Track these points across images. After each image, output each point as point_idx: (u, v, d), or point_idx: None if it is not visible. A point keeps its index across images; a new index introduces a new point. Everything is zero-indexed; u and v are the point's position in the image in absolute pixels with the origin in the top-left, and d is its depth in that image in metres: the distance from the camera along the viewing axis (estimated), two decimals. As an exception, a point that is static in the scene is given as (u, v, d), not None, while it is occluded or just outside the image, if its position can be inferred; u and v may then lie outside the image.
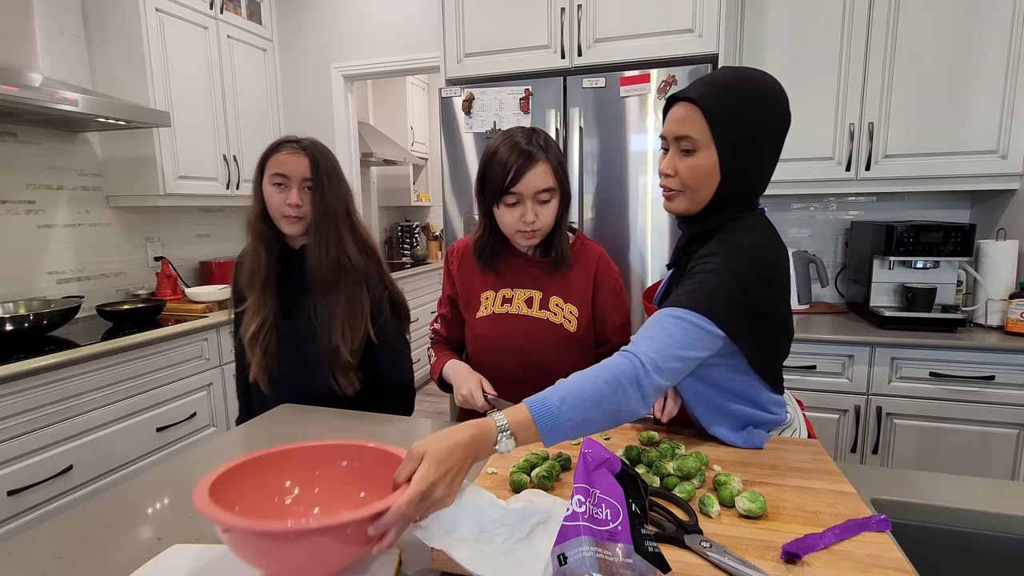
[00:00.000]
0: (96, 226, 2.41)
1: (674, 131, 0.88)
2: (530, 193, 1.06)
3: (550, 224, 1.12)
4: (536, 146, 1.06)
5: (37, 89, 1.77)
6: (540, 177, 1.06)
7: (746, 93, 0.84)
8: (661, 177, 0.93)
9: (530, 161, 1.05)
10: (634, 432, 1.02)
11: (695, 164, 0.86)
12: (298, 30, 3.04)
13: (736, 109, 0.83)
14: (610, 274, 1.20)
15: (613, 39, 1.93)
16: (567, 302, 1.17)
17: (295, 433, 1.11)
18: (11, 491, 1.60)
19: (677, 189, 0.91)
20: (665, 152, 0.92)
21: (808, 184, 2.11)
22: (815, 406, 1.93)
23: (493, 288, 1.21)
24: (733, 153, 0.84)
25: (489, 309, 1.20)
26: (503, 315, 1.19)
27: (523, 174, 1.05)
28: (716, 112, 0.83)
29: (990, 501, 0.79)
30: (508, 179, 1.05)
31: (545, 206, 1.09)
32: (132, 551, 0.72)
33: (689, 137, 0.85)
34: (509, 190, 1.06)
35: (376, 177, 4.54)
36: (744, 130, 0.84)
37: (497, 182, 1.06)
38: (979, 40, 1.89)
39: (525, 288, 1.19)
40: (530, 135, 1.09)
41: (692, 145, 0.86)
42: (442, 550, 0.62)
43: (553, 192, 1.08)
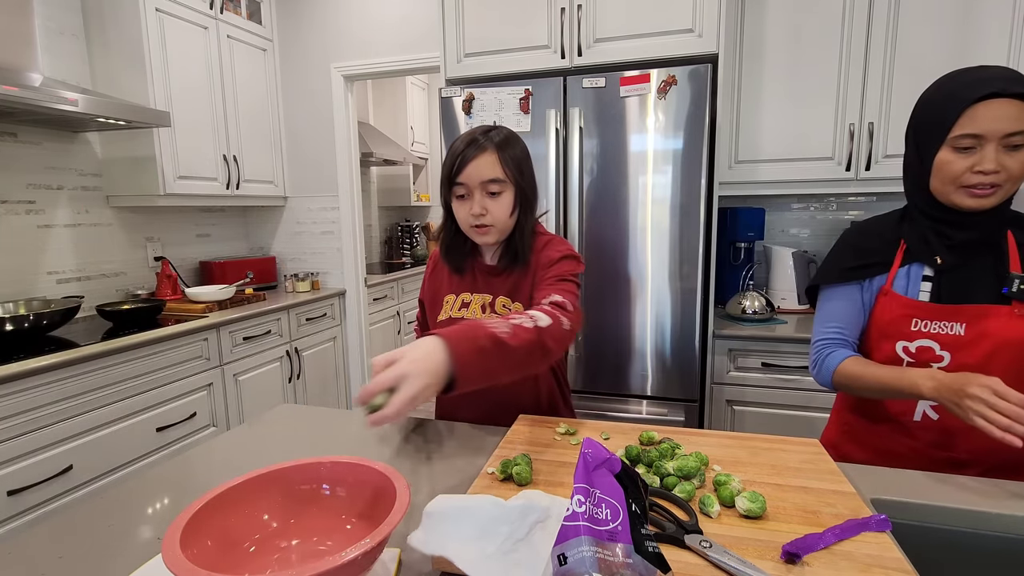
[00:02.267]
0: (96, 226, 2.41)
1: (1004, 128, 0.88)
2: (476, 183, 1.03)
3: (503, 220, 1.06)
4: (488, 139, 1.04)
5: (37, 89, 1.77)
6: (486, 167, 1.03)
7: None
8: (976, 176, 0.91)
9: (476, 150, 1.02)
10: (634, 432, 1.03)
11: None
12: (298, 30, 3.04)
13: None
14: (544, 255, 1.10)
15: (613, 39, 1.93)
16: (514, 301, 1.12)
17: (295, 434, 1.12)
18: (11, 491, 1.60)
19: (998, 184, 0.90)
20: (965, 151, 0.92)
21: (808, 184, 2.11)
22: (815, 406, 1.93)
23: (455, 292, 1.18)
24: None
25: (447, 313, 1.17)
26: (459, 319, 1.14)
27: (467, 163, 1.02)
28: None
29: (990, 501, 0.79)
30: (454, 168, 1.04)
31: (495, 199, 1.04)
32: (132, 551, 0.72)
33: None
34: (456, 180, 1.04)
35: (376, 177, 4.54)
36: None
37: (446, 172, 1.06)
38: (979, 40, 1.89)
39: (480, 292, 1.15)
40: (488, 130, 1.06)
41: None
42: (442, 556, 0.62)
43: (503, 184, 1.04)
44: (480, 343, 0.79)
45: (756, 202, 2.41)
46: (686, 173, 1.83)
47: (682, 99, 1.80)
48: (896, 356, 1.01)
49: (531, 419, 1.10)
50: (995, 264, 0.95)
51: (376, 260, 4.55)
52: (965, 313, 0.95)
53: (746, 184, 2.17)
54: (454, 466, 0.94)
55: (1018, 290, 0.92)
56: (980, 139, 0.90)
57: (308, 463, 0.71)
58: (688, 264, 1.87)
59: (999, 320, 0.93)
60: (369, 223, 4.42)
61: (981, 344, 0.94)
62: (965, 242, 0.96)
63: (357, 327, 3.25)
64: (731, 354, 2.00)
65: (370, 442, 1.06)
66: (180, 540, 0.55)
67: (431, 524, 0.67)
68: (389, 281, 3.65)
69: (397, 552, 0.68)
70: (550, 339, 0.88)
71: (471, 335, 0.79)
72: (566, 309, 0.95)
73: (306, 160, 3.15)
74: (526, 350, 0.84)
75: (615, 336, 1.97)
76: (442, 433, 1.09)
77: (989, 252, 0.95)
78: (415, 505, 0.76)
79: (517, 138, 1.09)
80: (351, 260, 3.19)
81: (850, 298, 1.08)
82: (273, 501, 0.69)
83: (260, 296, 2.81)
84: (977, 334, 0.94)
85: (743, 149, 2.16)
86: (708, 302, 1.96)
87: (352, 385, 3.30)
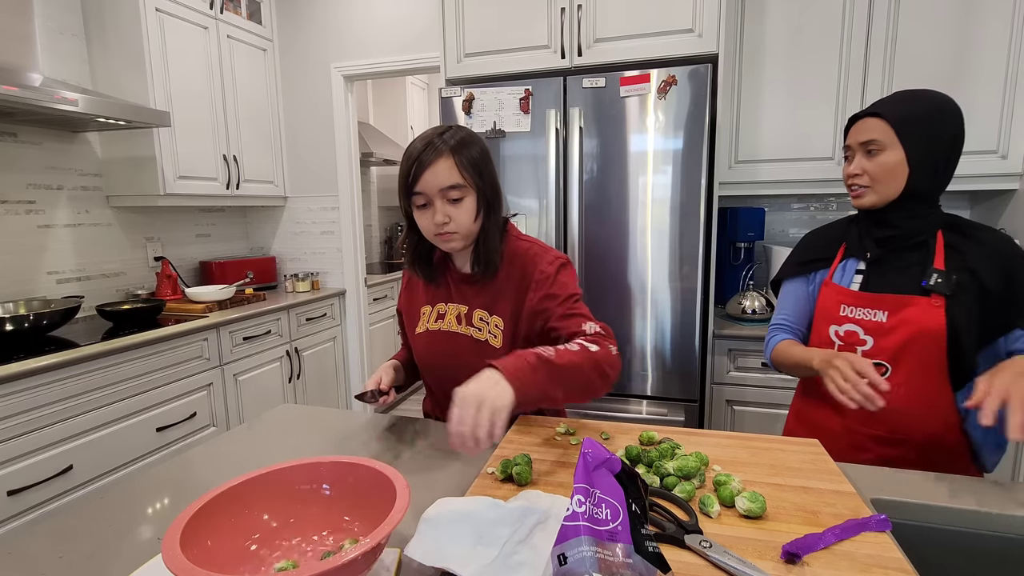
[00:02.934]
0: (96, 226, 2.41)
1: (859, 138, 1.06)
2: (434, 191, 0.99)
3: (467, 226, 1.02)
4: (442, 142, 0.99)
5: (37, 89, 1.77)
6: (444, 174, 0.98)
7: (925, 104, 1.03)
8: (849, 179, 1.10)
9: (431, 156, 0.98)
10: (634, 432, 1.03)
11: (883, 161, 1.04)
12: (298, 30, 3.04)
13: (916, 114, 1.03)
14: (535, 269, 1.07)
15: (613, 39, 1.93)
16: (492, 314, 1.08)
17: (295, 434, 1.11)
18: (11, 491, 1.60)
19: (866, 185, 1.07)
20: (846, 160, 1.11)
21: (808, 184, 2.11)
22: (815, 406, 1.93)
23: (431, 303, 1.16)
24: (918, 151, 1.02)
25: (424, 325, 1.15)
26: (436, 332, 1.13)
27: (424, 170, 0.98)
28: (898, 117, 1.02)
29: (990, 501, 0.79)
30: (410, 176, 0.99)
31: (457, 205, 1.00)
32: (132, 551, 0.72)
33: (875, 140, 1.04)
34: (413, 189, 1.00)
35: (376, 177, 4.54)
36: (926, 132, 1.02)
37: (402, 182, 1.01)
38: (979, 40, 1.89)
39: (456, 303, 1.13)
40: (443, 131, 1.01)
41: (878, 147, 1.04)
42: (441, 567, 0.62)
43: (463, 190, 1.00)
44: (528, 360, 0.85)
45: (756, 202, 2.41)
46: (686, 173, 1.83)
47: (682, 99, 1.80)
48: (829, 339, 1.13)
49: (531, 419, 1.10)
50: (922, 260, 1.05)
51: (376, 260, 4.55)
52: (887, 302, 1.06)
53: (746, 184, 2.17)
54: (454, 466, 0.94)
55: (935, 283, 1.02)
56: (851, 149, 1.09)
57: (308, 463, 0.72)
58: (688, 264, 1.87)
59: (918, 310, 1.03)
60: (369, 223, 4.42)
61: (899, 331, 1.04)
62: (888, 238, 1.08)
63: (357, 327, 3.25)
64: (731, 354, 2.00)
65: (370, 442, 1.06)
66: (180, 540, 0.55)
67: (430, 532, 0.66)
68: (389, 281, 3.65)
69: (397, 552, 0.68)
70: (602, 362, 0.94)
71: (519, 355, 0.86)
72: (604, 335, 1.01)
73: (306, 160, 3.15)
74: (574, 368, 0.89)
75: (615, 336, 1.97)
76: (442, 433, 1.09)
77: (917, 249, 1.07)
78: (415, 506, 0.76)
79: (474, 138, 1.05)
80: (351, 260, 3.19)
81: (799, 291, 1.23)
82: (273, 501, 0.69)
83: (260, 296, 2.81)
84: (897, 322, 1.05)
85: (743, 149, 2.16)
86: (708, 302, 1.96)
87: (352, 385, 3.30)
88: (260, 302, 2.72)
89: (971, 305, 1.00)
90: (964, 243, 1.04)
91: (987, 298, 1.00)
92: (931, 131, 1.02)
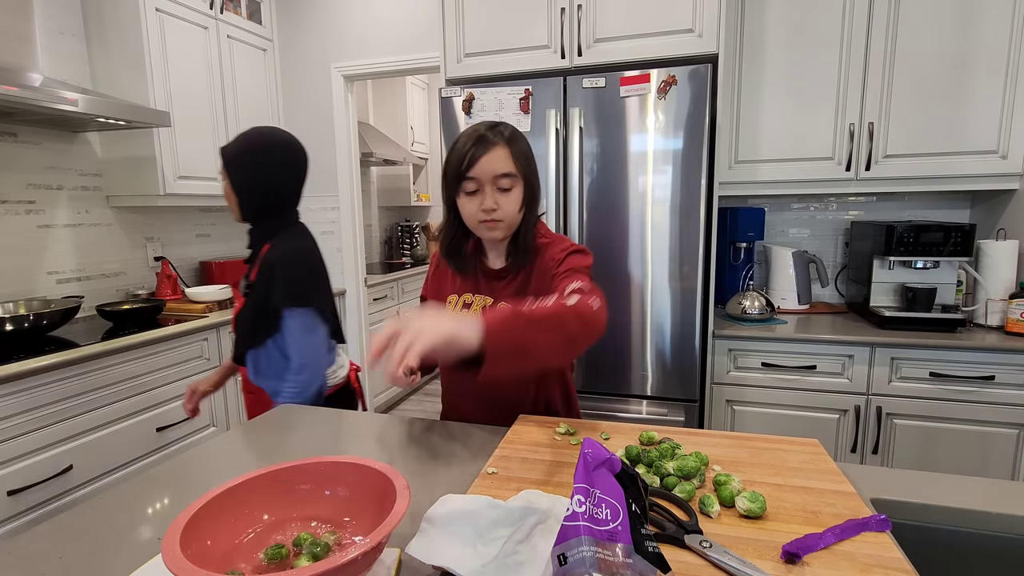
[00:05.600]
0: (96, 226, 2.41)
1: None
2: (488, 178, 1.02)
3: (513, 215, 1.06)
4: (496, 134, 1.03)
5: (37, 89, 1.77)
6: (498, 161, 1.02)
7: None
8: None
9: (487, 145, 1.02)
10: (634, 432, 1.03)
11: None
12: (298, 30, 3.04)
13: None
14: (554, 254, 1.09)
15: (613, 39, 1.93)
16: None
17: (295, 434, 1.11)
18: (11, 491, 1.60)
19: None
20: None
21: (808, 184, 2.11)
22: (815, 406, 1.93)
23: (458, 292, 1.17)
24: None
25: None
26: None
27: (479, 157, 1.01)
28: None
29: (990, 501, 0.79)
30: (465, 162, 1.02)
31: (506, 194, 1.04)
32: (132, 551, 0.72)
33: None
34: (467, 175, 1.02)
35: (376, 177, 4.54)
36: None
37: (455, 167, 1.03)
38: (979, 40, 1.89)
39: (482, 294, 1.14)
40: (494, 125, 1.05)
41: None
42: (441, 566, 0.62)
43: (514, 179, 1.04)
44: (501, 312, 0.81)
45: (756, 202, 2.41)
46: (686, 173, 1.83)
47: (682, 99, 1.80)
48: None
49: (531, 419, 1.10)
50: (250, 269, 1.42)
51: (376, 260, 4.55)
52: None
53: (746, 184, 2.17)
54: (454, 466, 0.94)
55: (243, 289, 1.38)
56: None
57: (308, 463, 0.71)
58: (688, 264, 1.87)
59: (239, 304, 1.40)
60: (369, 223, 4.42)
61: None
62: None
63: (357, 327, 3.25)
64: (731, 354, 2.00)
65: (370, 442, 1.06)
66: (180, 540, 0.55)
67: (431, 531, 0.67)
68: (389, 281, 3.65)
69: (397, 552, 0.68)
70: (581, 313, 0.88)
71: (493, 310, 0.86)
72: (585, 291, 0.96)
73: (306, 160, 3.15)
74: (549, 318, 0.84)
75: (615, 336, 1.97)
76: (442, 433, 1.09)
77: (251, 260, 1.43)
78: (415, 505, 0.76)
79: (521, 134, 1.09)
80: (351, 260, 3.19)
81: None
82: (273, 501, 0.69)
83: (260, 296, 2.81)
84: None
85: (743, 149, 2.16)
86: (708, 302, 1.96)
87: (352, 385, 3.30)
88: (260, 302, 2.71)
89: (249, 308, 1.33)
90: (268, 256, 1.31)
91: (259, 303, 1.30)
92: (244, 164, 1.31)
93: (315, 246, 1.40)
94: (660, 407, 1.98)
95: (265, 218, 1.35)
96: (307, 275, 1.33)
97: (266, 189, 1.31)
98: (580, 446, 0.71)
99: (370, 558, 0.56)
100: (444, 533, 0.66)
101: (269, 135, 1.32)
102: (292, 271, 1.30)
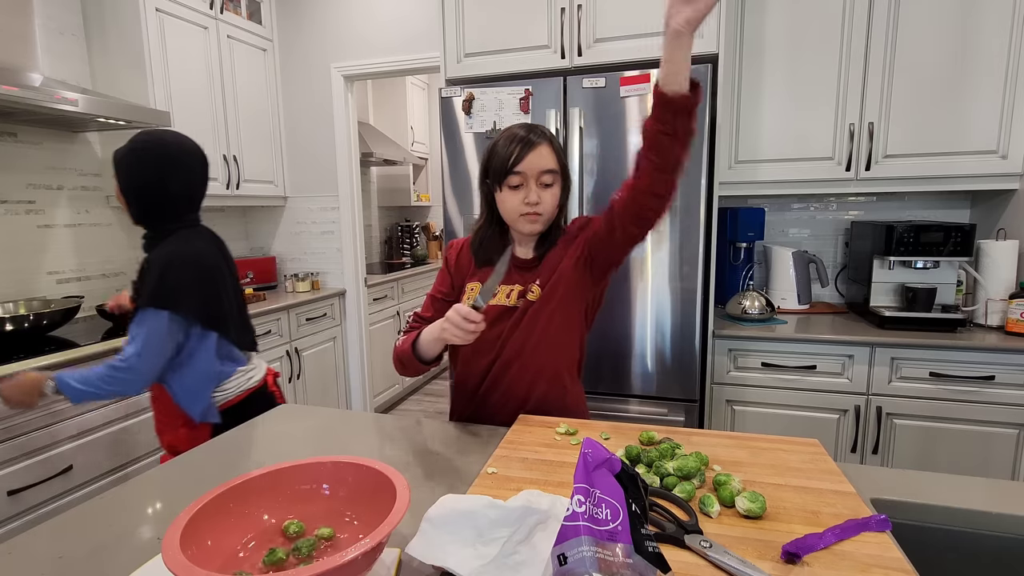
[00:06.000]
0: (96, 226, 2.41)
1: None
2: (534, 173, 1.08)
3: (552, 209, 1.12)
4: (538, 134, 1.09)
5: (37, 89, 1.77)
6: (543, 158, 1.08)
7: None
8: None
9: (532, 143, 1.08)
10: (634, 432, 1.03)
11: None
12: (298, 30, 3.04)
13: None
14: (575, 230, 1.18)
15: (613, 39, 1.93)
16: (543, 286, 1.15)
17: (295, 434, 1.12)
18: (11, 491, 1.60)
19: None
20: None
21: (808, 184, 2.11)
22: (815, 406, 1.93)
23: (481, 280, 1.19)
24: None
25: (471, 300, 1.17)
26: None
27: (527, 154, 1.07)
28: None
29: (990, 501, 0.79)
30: (512, 158, 1.07)
31: (548, 190, 1.10)
32: (132, 551, 0.72)
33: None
34: (513, 169, 1.07)
35: (376, 177, 4.54)
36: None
37: (501, 163, 1.08)
38: (979, 40, 1.89)
39: (509, 284, 1.17)
40: (532, 126, 1.12)
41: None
42: (440, 566, 0.62)
43: (556, 176, 1.09)
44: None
45: (756, 202, 2.41)
46: (686, 173, 1.83)
47: (682, 99, 1.80)
48: None
49: (531, 419, 1.10)
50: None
51: (376, 260, 4.55)
52: None
53: (746, 184, 2.17)
54: (454, 466, 0.94)
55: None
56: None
57: (308, 463, 0.71)
58: (688, 264, 1.87)
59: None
60: (369, 223, 4.42)
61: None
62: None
63: (357, 327, 3.25)
64: (731, 354, 2.00)
65: (370, 442, 1.07)
66: (180, 540, 0.55)
67: (431, 531, 0.66)
68: (389, 281, 3.65)
69: (397, 552, 0.68)
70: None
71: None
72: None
73: (306, 160, 3.15)
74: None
75: (615, 336, 1.97)
76: (442, 433, 1.09)
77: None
78: (416, 505, 0.76)
79: (553, 133, 1.15)
80: (351, 260, 3.19)
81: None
82: (273, 501, 0.69)
83: (260, 296, 2.81)
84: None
85: (743, 149, 2.16)
86: (708, 302, 1.96)
87: (352, 385, 3.30)
88: (260, 302, 2.72)
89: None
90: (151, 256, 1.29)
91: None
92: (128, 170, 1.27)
93: (211, 251, 1.35)
94: (660, 407, 1.98)
95: (157, 221, 1.30)
96: (183, 280, 1.25)
97: (153, 191, 1.27)
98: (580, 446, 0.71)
99: (370, 558, 0.56)
100: (444, 533, 0.66)
101: (158, 137, 1.28)
102: (166, 272, 1.23)
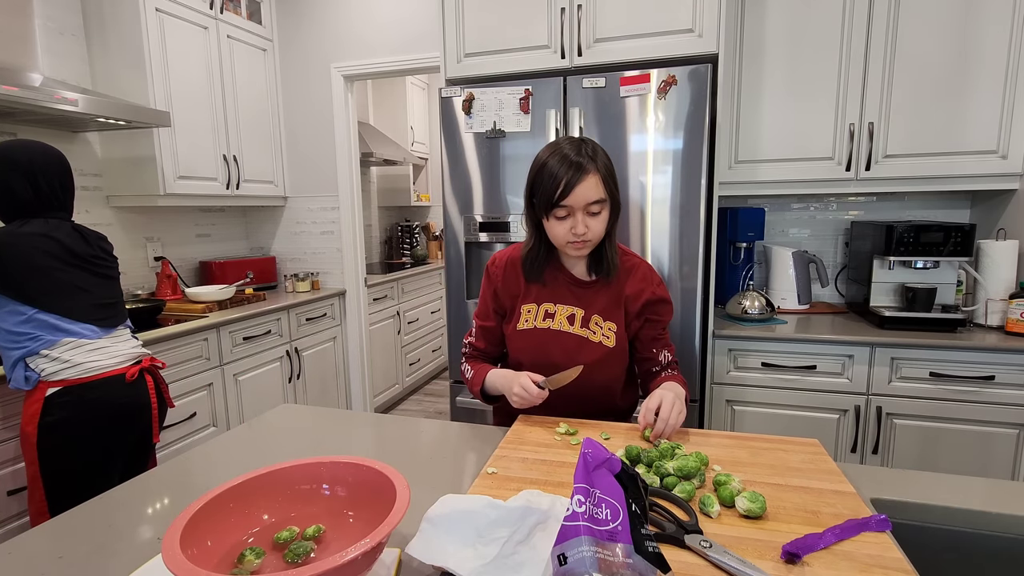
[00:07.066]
0: (96, 226, 2.41)
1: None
2: (580, 205, 1.05)
3: (600, 235, 1.11)
4: (586, 157, 1.06)
5: (37, 89, 1.77)
6: (591, 189, 1.05)
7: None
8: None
9: (581, 173, 1.04)
10: (634, 432, 1.03)
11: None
12: (298, 30, 3.04)
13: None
14: (647, 286, 1.19)
15: (613, 39, 1.93)
16: (606, 320, 1.16)
17: (295, 434, 1.12)
18: (11, 491, 1.59)
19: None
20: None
21: (808, 184, 2.11)
22: (815, 406, 1.93)
23: (536, 301, 1.19)
24: None
25: (531, 323, 1.18)
26: (544, 330, 1.17)
27: (573, 187, 1.04)
28: None
29: (990, 501, 0.79)
30: (558, 192, 1.04)
31: (595, 217, 1.08)
32: (132, 551, 0.72)
33: None
34: (560, 203, 1.05)
35: (376, 177, 4.54)
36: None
37: (547, 195, 1.06)
38: (979, 40, 1.89)
39: (568, 304, 1.17)
40: (579, 146, 1.07)
41: None
42: (440, 566, 0.61)
43: (603, 203, 1.08)
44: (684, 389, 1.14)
45: (756, 202, 2.41)
46: (686, 173, 1.83)
47: (682, 99, 1.80)
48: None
49: (531, 419, 1.10)
50: None
51: (376, 260, 4.55)
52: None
53: (746, 184, 2.17)
54: (454, 466, 0.94)
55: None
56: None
57: (308, 463, 0.72)
58: (688, 264, 1.87)
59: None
60: (369, 223, 4.42)
61: None
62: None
63: (357, 327, 3.25)
64: (731, 354, 2.00)
65: (370, 442, 1.07)
66: (180, 540, 0.55)
67: (431, 531, 0.66)
68: (389, 281, 3.65)
69: (397, 552, 0.68)
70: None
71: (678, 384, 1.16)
72: (675, 363, 1.25)
73: (306, 160, 3.15)
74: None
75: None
76: (442, 433, 1.09)
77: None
78: (416, 505, 0.76)
79: (603, 149, 1.12)
80: (351, 260, 3.19)
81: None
82: (273, 501, 0.69)
83: (260, 296, 2.82)
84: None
85: (743, 149, 2.16)
86: (708, 302, 1.96)
87: (352, 385, 3.30)
88: (260, 302, 2.72)
89: None
90: None
91: None
92: None
93: (37, 234, 1.50)
94: (660, 407, 1.97)
95: (14, 218, 1.51)
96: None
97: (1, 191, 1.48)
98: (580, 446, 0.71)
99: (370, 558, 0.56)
100: (444, 533, 0.66)
101: (6, 147, 1.49)
102: None
